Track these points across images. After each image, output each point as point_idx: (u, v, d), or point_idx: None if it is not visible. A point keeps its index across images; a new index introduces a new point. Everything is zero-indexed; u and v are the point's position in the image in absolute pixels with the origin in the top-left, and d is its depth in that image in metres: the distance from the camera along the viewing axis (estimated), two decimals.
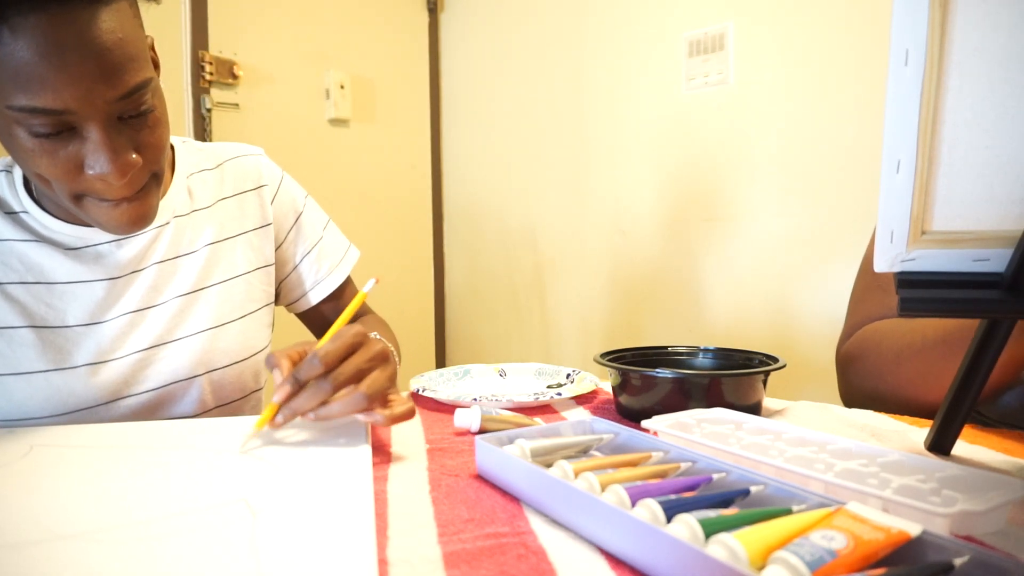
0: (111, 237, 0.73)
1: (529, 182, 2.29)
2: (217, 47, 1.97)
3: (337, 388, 0.55)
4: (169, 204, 0.77)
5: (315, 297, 0.90)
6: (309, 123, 2.21)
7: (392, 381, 0.59)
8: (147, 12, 0.66)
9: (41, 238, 0.71)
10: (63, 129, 0.58)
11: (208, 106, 1.91)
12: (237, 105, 2.01)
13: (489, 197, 2.44)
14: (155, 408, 0.74)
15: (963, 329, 0.63)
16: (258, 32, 2.06)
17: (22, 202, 0.71)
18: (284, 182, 0.88)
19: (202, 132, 1.91)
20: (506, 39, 2.34)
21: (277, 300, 0.90)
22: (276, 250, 0.86)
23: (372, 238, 2.38)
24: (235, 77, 1.99)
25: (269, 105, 2.09)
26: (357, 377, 0.56)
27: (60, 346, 0.70)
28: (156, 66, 0.69)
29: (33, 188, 0.72)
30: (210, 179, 0.82)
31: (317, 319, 0.93)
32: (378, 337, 0.62)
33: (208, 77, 1.92)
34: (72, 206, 0.64)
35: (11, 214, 0.71)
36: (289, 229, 0.87)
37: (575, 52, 2.11)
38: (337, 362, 0.55)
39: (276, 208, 0.86)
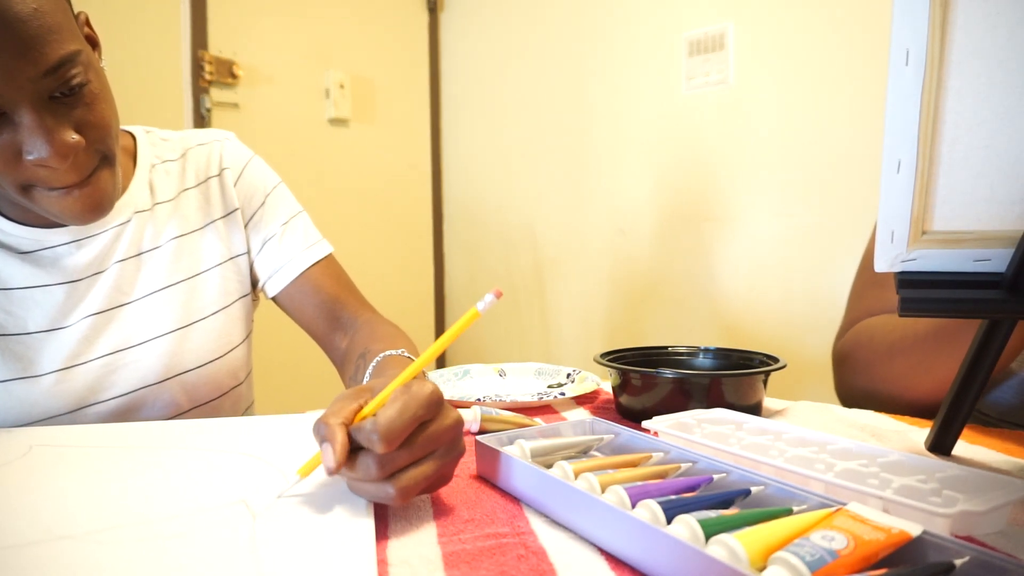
0: (68, 238, 0.70)
1: (529, 182, 2.28)
2: (217, 47, 1.97)
3: (386, 474, 0.41)
4: (130, 200, 0.74)
5: (281, 281, 0.81)
6: (309, 123, 2.21)
7: (454, 465, 0.45)
8: (147, 12, 0.66)
9: None
10: None
11: (208, 106, 1.91)
12: (237, 105, 2.01)
13: (489, 197, 2.43)
14: (125, 414, 0.71)
15: (955, 322, 0.63)
16: (258, 32, 2.06)
17: None
18: (251, 165, 0.83)
19: None
20: (506, 39, 2.33)
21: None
22: (245, 234, 0.81)
23: (372, 238, 2.39)
24: (235, 77, 1.99)
25: (269, 105, 2.09)
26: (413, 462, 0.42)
27: (21, 354, 0.67)
28: (94, 44, 0.65)
29: None
30: (173, 170, 0.78)
31: (288, 305, 0.83)
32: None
33: (208, 77, 1.92)
34: (23, 199, 0.61)
35: None
36: (254, 212, 0.81)
37: (575, 52, 2.11)
38: (398, 441, 0.40)
39: (240, 190, 0.80)
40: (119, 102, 0.68)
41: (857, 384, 0.77)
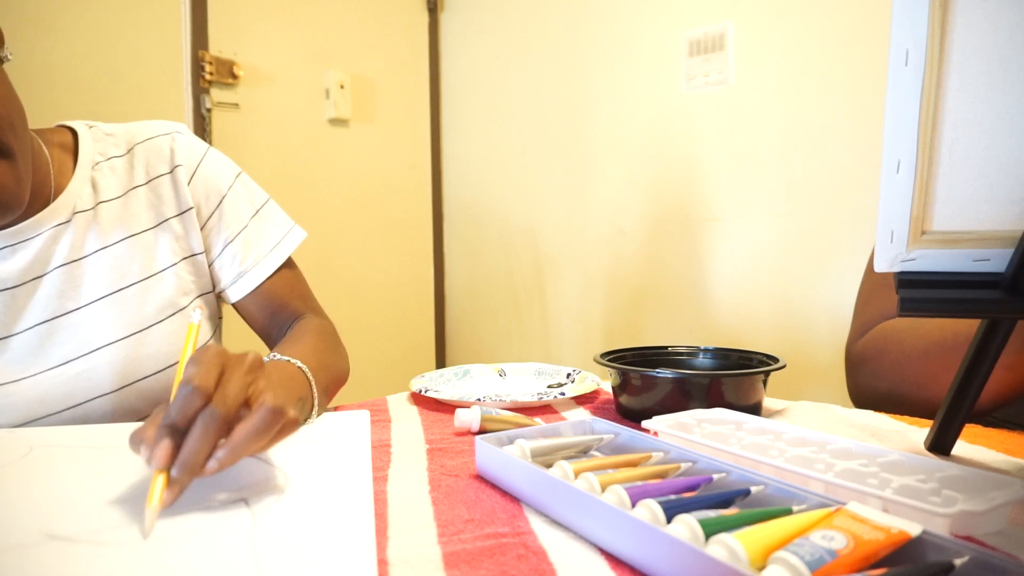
0: (1, 243, 0.66)
1: (529, 182, 2.28)
2: (217, 47, 1.97)
3: (230, 413, 0.41)
4: (69, 200, 0.69)
5: (239, 292, 0.78)
6: (309, 123, 2.21)
7: (286, 388, 0.46)
8: (147, 12, 0.65)
9: None
10: None
11: (208, 106, 1.91)
12: (237, 105, 2.01)
13: (489, 197, 2.43)
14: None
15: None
16: (258, 32, 2.06)
17: None
18: (205, 161, 0.78)
19: (202, 132, 1.91)
20: (506, 39, 2.33)
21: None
22: (201, 235, 0.77)
23: (372, 238, 2.39)
24: (235, 77, 1.99)
25: (269, 105, 2.09)
26: (246, 394, 0.43)
27: None
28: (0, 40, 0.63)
29: None
30: (119, 166, 0.73)
31: (243, 312, 0.81)
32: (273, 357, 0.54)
33: (208, 77, 1.92)
34: None
35: None
36: (211, 214, 0.77)
37: (575, 52, 2.11)
38: (214, 383, 0.41)
39: (194, 189, 0.76)
40: (120, 101, 0.67)
41: (879, 387, 0.77)
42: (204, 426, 0.40)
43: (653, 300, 1.96)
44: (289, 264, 0.82)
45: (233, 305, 0.81)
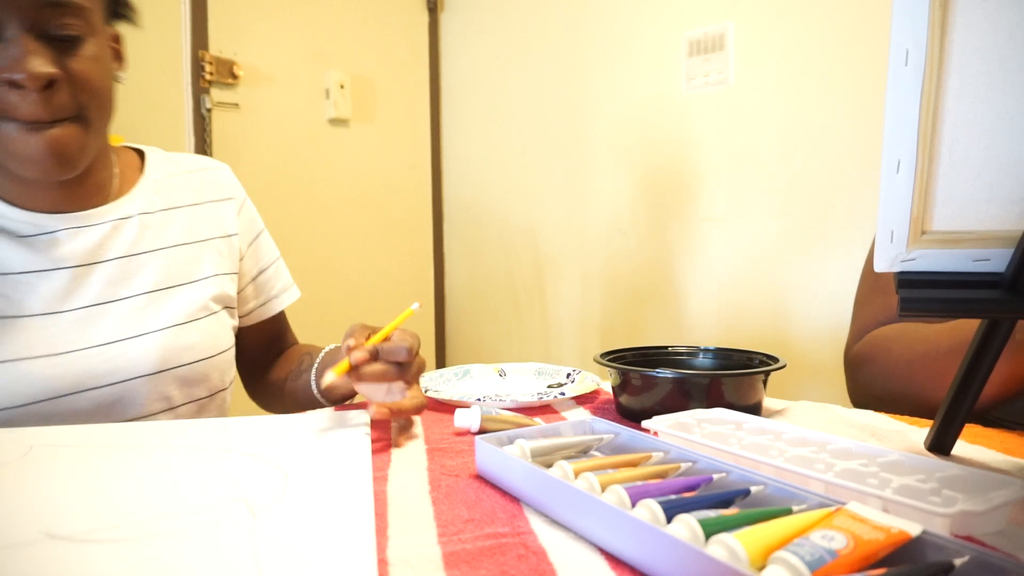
0: (67, 224, 0.72)
1: (529, 182, 2.28)
2: (217, 47, 1.97)
3: (402, 376, 0.64)
4: (135, 200, 0.78)
5: (262, 314, 0.90)
6: (309, 123, 2.21)
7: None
8: (147, 12, 0.67)
9: None
10: None
11: (208, 106, 1.91)
12: (237, 105, 2.01)
13: (489, 197, 2.43)
14: (116, 403, 0.71)
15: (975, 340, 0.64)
16: (258, 32, 2.06)
17: None
18: (248, 201, 0.90)
19: (202, 132, 1.91)
20: (506, 39, 2.33)
21: None
22: (239, 260, 0.88)
23: (372, 238, 2.38)
24: (235, 77, 1.99)
25: (269, 105, 2.09)
26: (416, 377, 0.66)
27: (15, 337, 0.68)
28: (117, 54, 0.75)
29: None
30: (180, 184, 0.83)
31: (251, 339, 0.91)
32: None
33: (208, 77, 1.92)
34: None
35: None
36: (249, 244, 0.89)
37: (575, 52, 2.11)
38: (414, 358, 0.65)
39: (240, 221, 0.87)
40: (120, 101, 0.68)
41: (874, 390, 0.80)
42: (385, 372, 0.63)
43: (653, 300, 1.96)
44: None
45: (241, 329, 0.89)
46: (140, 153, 0.84)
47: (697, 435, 0.53)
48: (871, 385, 0.80)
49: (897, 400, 0.75)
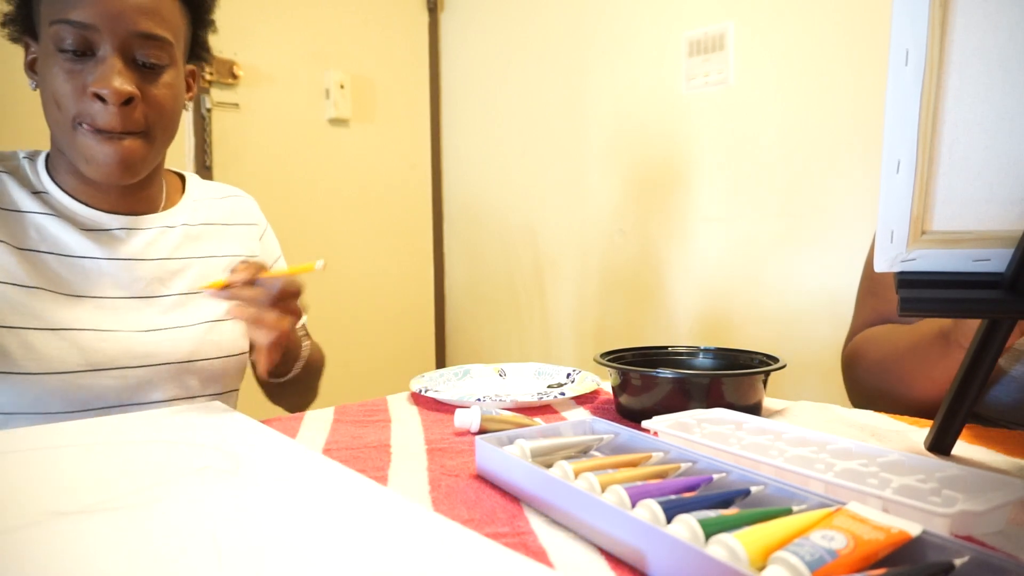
0: (122, 224, 0.82)
1: (529, 182, 2.28)
2: (217, 47, 1.96)
3: (273, 303, 0.69)
4: (179, 214, 0.88)
5: None
6: (309, 123, 2.21)
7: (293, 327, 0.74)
8: None
9: (59, 214, 0.79)
10: (86, 50, 0.70)
11: (208, 106, 1.91)
12: (237, 105, 2.01)
13: (489, 197, 2.43)
14: (143, 384, 0.78)
15: (925, 336, 0.69)
16: (258, 32, 2.06)
17: (43, 183, 0.80)
18: (269, 229, 1.00)
19: (202, 132, 1.91)
20: (506, 39, 2.33)
21: None
22: None
23: (372, 238, 2.38)
24: (235, 77, 1.99)
25: (269, 105, 2.09)
26: (290, 313, 0.72)
27: (69, 311, 0.76)
28: (189, 85, 0.87)
29: (51, 170, 0.81)
30: (216, 206, 0.93)
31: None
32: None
33: (208, 77, 1.92)
34: (68, 142, 0.73)
35: (33, 192, 0.79)
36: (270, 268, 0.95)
37: (575, 52, 2.11)
38: (291, 297, 0.71)
39: (263, 244, 0.97)
40: None
41: (860, 390, 0.84)
42: (268, 297, 0.69)
43: (653, 300, 1.96)
44: None
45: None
46: (181, 176, 0.94)
47: (697, 435, 0.53)
48: (856, 386, 0.85)
49: (878, 399, 0.79)
